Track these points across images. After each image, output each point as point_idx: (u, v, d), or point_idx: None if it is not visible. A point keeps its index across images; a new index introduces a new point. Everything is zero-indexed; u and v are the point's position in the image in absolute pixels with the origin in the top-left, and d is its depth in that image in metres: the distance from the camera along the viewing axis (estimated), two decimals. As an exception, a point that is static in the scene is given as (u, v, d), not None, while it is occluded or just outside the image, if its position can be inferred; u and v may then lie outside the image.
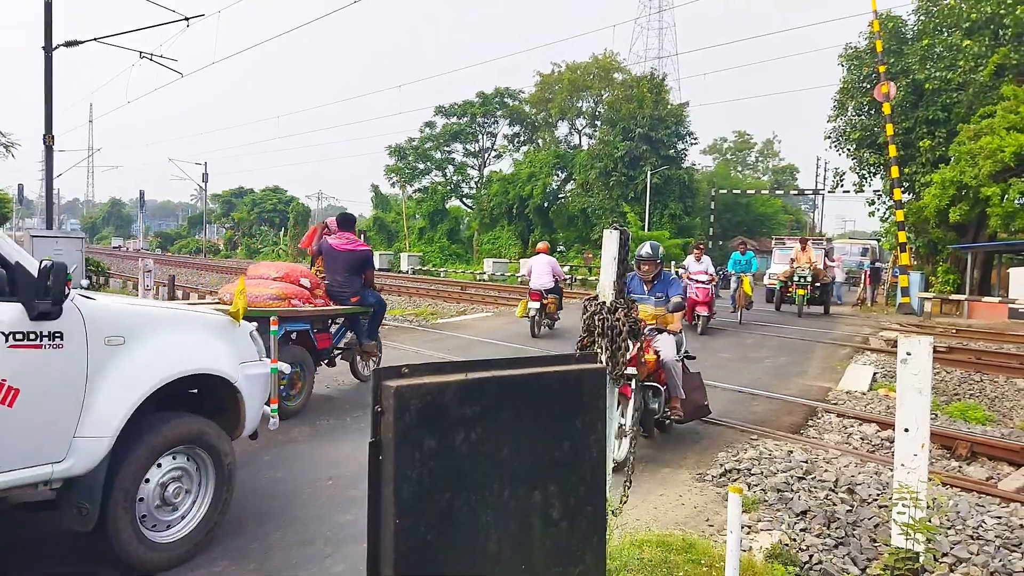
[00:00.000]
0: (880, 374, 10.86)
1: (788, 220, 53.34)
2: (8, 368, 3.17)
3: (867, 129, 25.66)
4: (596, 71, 45.45)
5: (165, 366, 3.88)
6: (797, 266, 19.08)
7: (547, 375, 1.79)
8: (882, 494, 5.34)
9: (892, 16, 25.38)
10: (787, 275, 19.54)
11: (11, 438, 3.20)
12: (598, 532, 1.85)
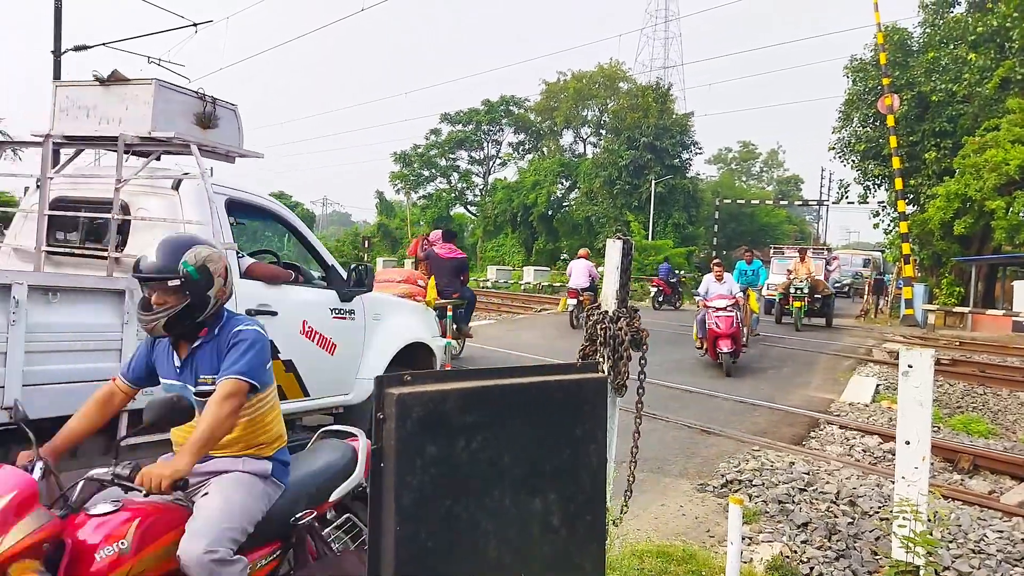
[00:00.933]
0: (883, 386, 10.83)
1: (792, 231, 53.29)
2: (332, 330, 5.06)
3: (872, 140, 25.66)
4: (601, 80, 45.59)
5: (403, 336, 5.85)
6: (794, 277, 18.37)
7: (548, 384, 1.80)
8: (884, 506, 5.33)
9: (898, 28, 25.41)
10: (784, 287, 18.85)
11: (331, 374, 5.07)
12: (597, 540, 1.86)
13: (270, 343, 2.94)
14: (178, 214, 4.39)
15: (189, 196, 4.43)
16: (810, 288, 18.12)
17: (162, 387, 2.69)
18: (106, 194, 4.52)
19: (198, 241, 2.74)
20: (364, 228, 61.71)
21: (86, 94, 4.70)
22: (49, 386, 3.32)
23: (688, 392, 9.55)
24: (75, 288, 3.62)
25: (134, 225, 4.53)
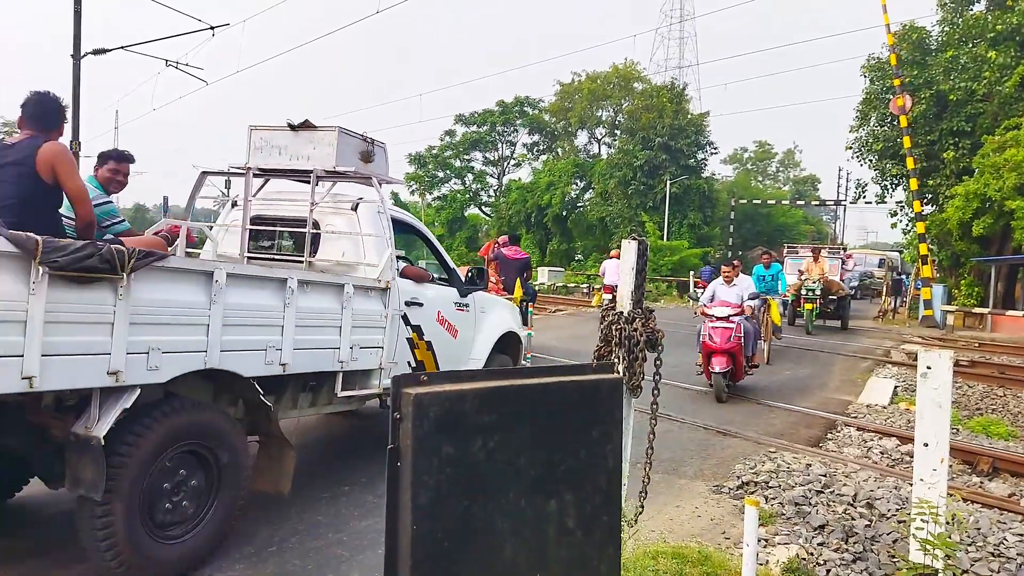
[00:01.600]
0: (901, 388, 10.74)
1: (809, 231, 52.92)
2: (455, 319, 6.48)
3: (889, 140, 25.44)
4: (616, 80, 45.54)
5: (501, 326, 7.27)
6: (806, 278, 17.68)
7: (564, 384, 1.80)
8: (901, 509, 5.28)
9: (916, 27, 25.18)
10: (796, 288, 17.87)
11: (454, 354, 6.46)
12: (613, 542, 1.86)
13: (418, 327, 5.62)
14: (357, 229, 5.73)
15: (365, 215, 5.76)
16: (823, 289, 17.52)
17: None
18: (295, 213, 5.99)
19: None
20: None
21: (278, 136, 5.74)
22: (306, 350, 4.63)
23: (704, 393, 9.51)
24: (324, 283, 4.85)
25: (323, 237, 5.88)
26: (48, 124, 4.00)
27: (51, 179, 3.82)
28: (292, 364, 4.48)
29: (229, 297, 4.00)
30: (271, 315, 4.35)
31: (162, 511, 3.71)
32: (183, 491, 3.83)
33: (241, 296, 4.13)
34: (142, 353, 3.54)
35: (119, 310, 3.39)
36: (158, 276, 3.61)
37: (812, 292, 17.39)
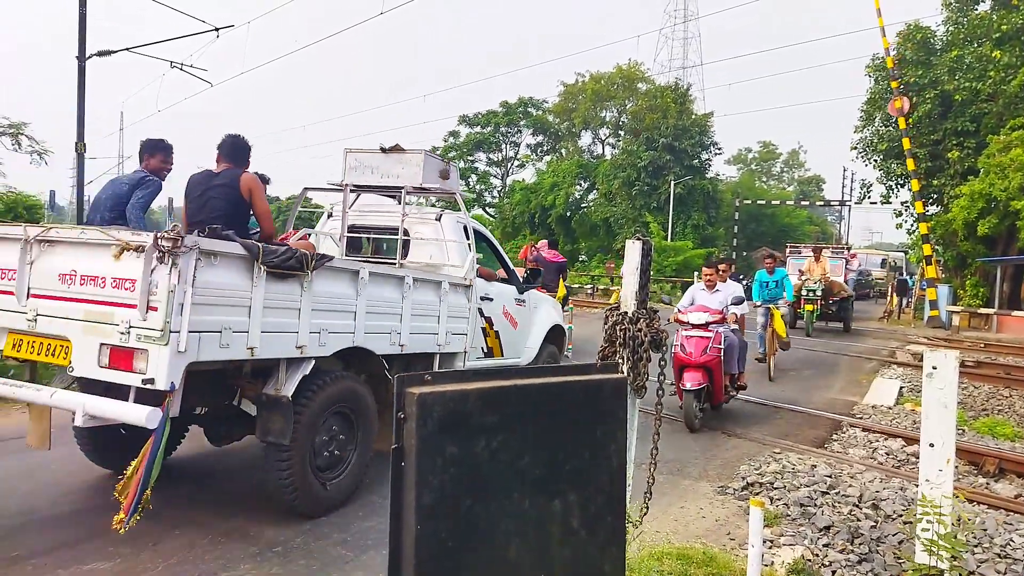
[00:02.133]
0: (907, 388, 10.72)
1: (814, 231, 52.75)
2: (515, 313, 7.51)
3: (894, 140, 25.39)
4: (620, 81, 45.50)
5: (550, 320, 8.30)
6: (807, 278, 17.23)
7: (568, 384, 1.80)
8: (907, 510, 5.26)
9: (920, 27, 25.13)
10: (797, 289, 16.93)
11: (514, 342, 7.52)
12: (617, 542, 1.86)
13: (489, 318, 6.95)
14: (441, 236, 6.97)
15: (447, 224, 7.00)
16: (825, 290, 17.04)
17: None
18: (386, 222, 7.14)
19: None
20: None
21: (371, 158, 6.76)
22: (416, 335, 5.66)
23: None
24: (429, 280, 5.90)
25: (413, 243, 6.96)
26: (241, 160, 5.17)
27: (247, 199, 4.93)
28: (408, 345, 5.59)
29: (368, 291, 5.06)
30: (395, 306, 5.42)
31: (322, 457, 4.72)
32: (335, 443, 4.83)
33: (375, 290, 5.17)
34: (316, 333, 4.63)
35: (304, 299, 4.48)
36: (326, 274, 4.69)
37: (813, 293, 16.89)
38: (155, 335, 3.67)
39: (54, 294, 4.10)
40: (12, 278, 4.22)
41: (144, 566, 3.95)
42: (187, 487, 5.30)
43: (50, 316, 4.08)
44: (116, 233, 3.91)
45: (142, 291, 3.71)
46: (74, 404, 3.90)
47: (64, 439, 6.19)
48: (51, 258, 4.17)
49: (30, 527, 4.42)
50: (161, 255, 3.66)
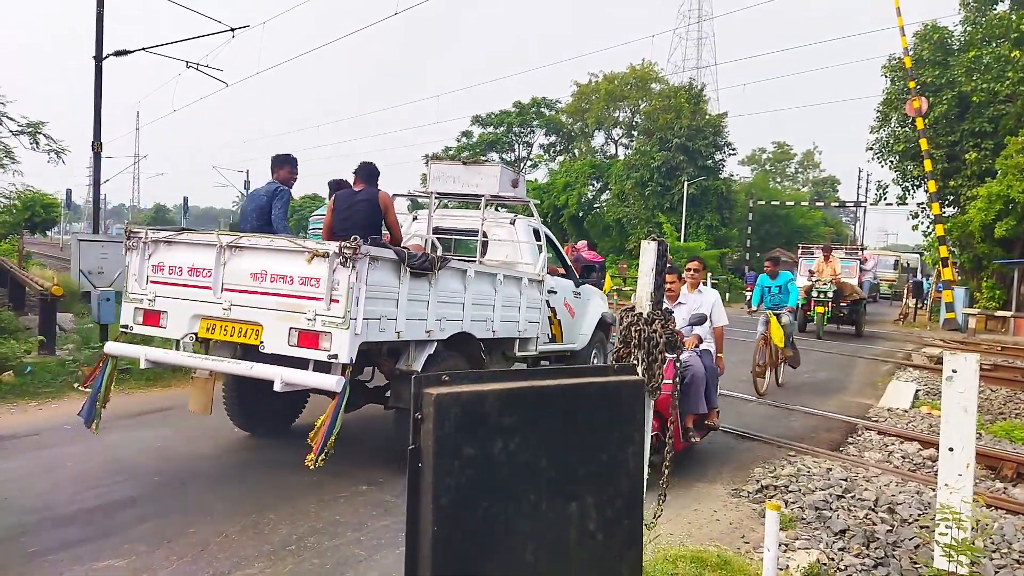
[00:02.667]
0: (923, 391, 10.62)
1: (828, 232, 52.38)
2: (573, 304, 8.29)
3: (911, 141, 25.18)
4: (633, 81, 45.40)
5: (599, 311, 9.04)
6: (816, 279, 16.61)
7: (586, 386, 1.79)
8: (923, 514, 5.21)
9: (938, 27, 24.92)
10: (806, 290, 16.57)
11: (571, 330, 8.30)
12: (635, 545, 1.84)
13: (553, 308, 7.84)
14: (515, 238, 8.00)
15: (520, 227, 8.05)
16: (836, 292, 16.41)
17: None
18: (466, 225, 8.21)
19: None
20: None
21: (452, 169, 7.84)
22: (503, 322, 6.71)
23: (722, 396, 9.43)
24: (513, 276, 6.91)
25: (491, 244, 7.89)
26: (374, 181, 6.26)
27: (383, 213, 5.99)
28: (498, 331, 6.62)
29: (473, 286, 6.07)
30: (489, 298, 6.44)
31: None
32: None
33: (477, 285, 6.18)
34: (438, 320, 5.68)
35: (432, 294, 5.53)
36: (446, 272, 5.69)
37: (823, 295, 16.26)
38: (338, 321, 4.73)
39: (246, 288, 5.12)
40: (208, 275, 5.27)
41: (159, 564, 3.97)
42: (201, 486, 5.32)
43: (243, 306, 5.11)
44: (304, 243, 5.00)
45: (327, 287, 4.76)
46: (273, 374, 4.86)
47: (83, 435, 6.25)
48: (242, 260, 5.20)
49: (47, 523, 4.45)
50: (344, 260, 4.71)
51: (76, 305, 12.01)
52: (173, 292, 5.49)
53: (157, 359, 5.61)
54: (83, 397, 7.77)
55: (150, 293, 5.60)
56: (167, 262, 5.55)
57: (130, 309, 5.72)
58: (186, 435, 6.63)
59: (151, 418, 7.21)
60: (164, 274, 5.55)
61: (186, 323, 5.40)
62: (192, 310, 5.36)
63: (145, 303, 5.60)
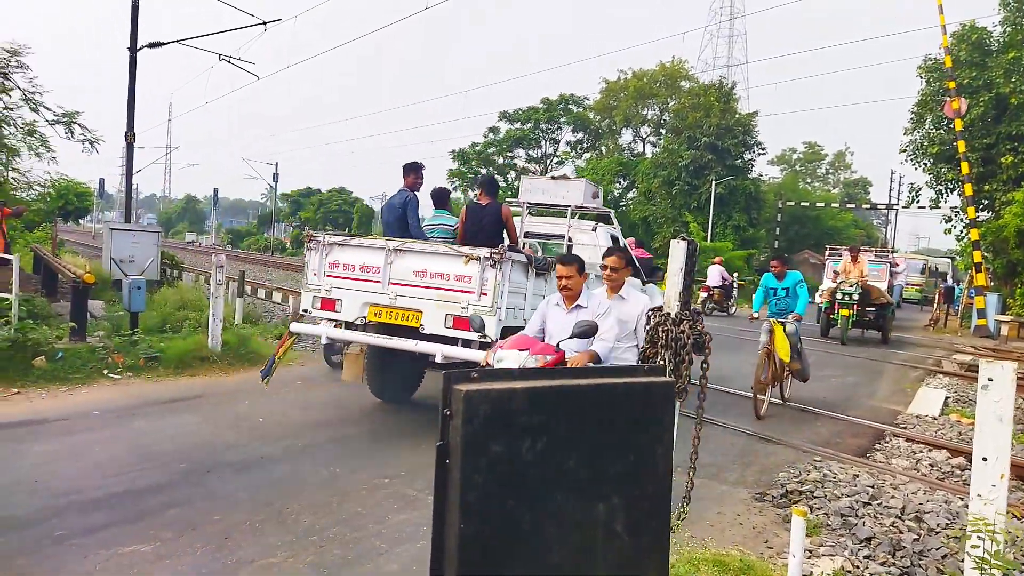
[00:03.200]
0: (952, 399, 10.43)
1: (859, 235, 51.64)
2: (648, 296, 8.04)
3: (945, 143, 24.71)
4: (663, 79, 45.08)
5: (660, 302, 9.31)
6: (842, 280, 15.67)
7: (615, 386, 1.76)
8: (951, 524, 5.12)
9: (976, 28, 24.41)
10: (831, 292, 16.00)
11: None
12: (661, 548, 1.82)
13: None
14: (596, 242, 8.85)
15: (600, 233, 9.23)
16: (862, 294, 15.47)
17: None
18: (553, 230, 9.39)
19: None
20: (421, 224, 62.16)
21: (542, 183, 8.96)
22: None
23: (747, 398, 9.35)
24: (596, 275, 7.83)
25: (575, 247, 8.39)
26: (495, 193, 7.45)
27: (504, 223, 7.13)
28: None
29: None
30: None
31: None
32: None
33: None
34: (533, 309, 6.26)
35: (547, 290, 6.71)
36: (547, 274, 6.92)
37: (849, 297, 15.30)
38: (486, 309, 6.12)
39: (410, 283, 6.57)
40: (377, 272, 6.69)
41: (183, 550, 4.02)
42: (226, 474, 5.38)
43: (406, 296, 6.56)
44: (462, 248, 6.44)
45: (478, 283, 6.19)
46: (435, 350, 6.30)
47: (111, 422, 6.35)
48: (405, 260, 6.63)
49: (74, 508, 4.52)
50: (492, 262, 6.11)
51: (107, 293, 12.20)
52: (347, 284, 6.90)
53: (334, 336, 7.08)
54: (112, 384, 7.91)
55: (327, 285, 6.98)
56: (342, 260, 6.96)
57: (309, 297, 7.15)
58: (212, 424, 6.71)
59: (178, 406, 7.30)
60: (339, 270, 6.95)
61: (357, 309, 6.82)
62: (363, 299, 6.79)
63: (322, 292, 6.99)
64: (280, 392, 8.18)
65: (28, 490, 4.73)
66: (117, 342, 8.87)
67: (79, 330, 8.98)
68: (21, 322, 8.08)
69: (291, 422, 6.94)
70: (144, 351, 8.76)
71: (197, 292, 12.72)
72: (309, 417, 7.19)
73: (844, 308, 15.37)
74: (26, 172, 16.60)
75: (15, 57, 14.28)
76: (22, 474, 5.02)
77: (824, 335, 16.62)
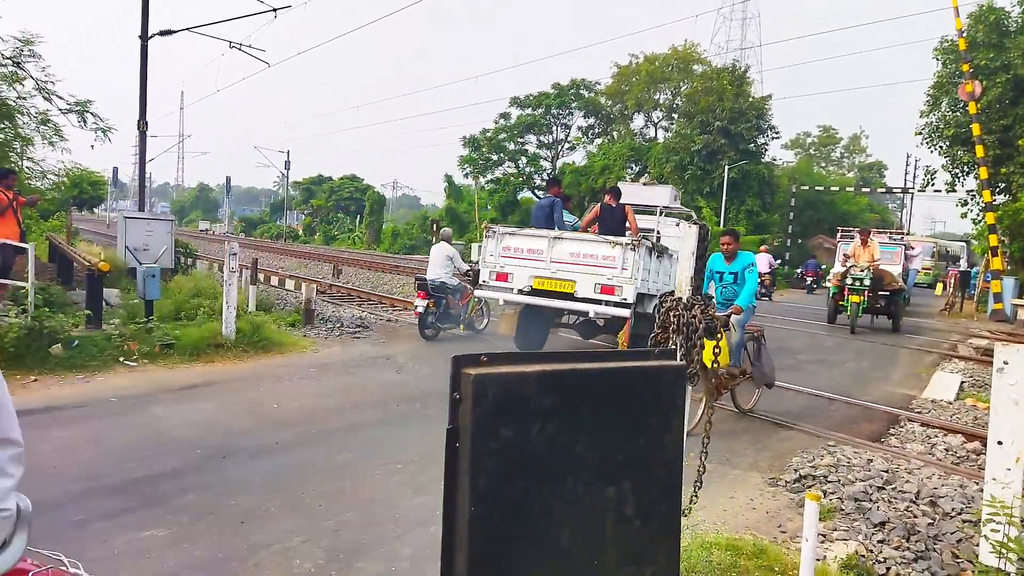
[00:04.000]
0: (968, 383, 10.36)
1: (874, 219, 51.16)
2: None
3: (961, 126, 24.38)
4: (675, 62, 44.72)
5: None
6: (852, 264, 14.85)
7: (626, 370, 1.75)
8: (966, 508, 5.09)
9: (994, 8, 24.00)
10: (839, 277, 15.22)
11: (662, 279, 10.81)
12: (672, 533, 1.81)
13: None
14: (680, 235, 10.52)
15: (683, 227, 10.68)
16: (873, 280, 14.60)
17: None
18: (647, 225, 10.99)
19: None
20: (433, 211, 62.28)
21: (636, 188, 12.12)
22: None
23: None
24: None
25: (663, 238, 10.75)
26: (619, 198, 10.36)
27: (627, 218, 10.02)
28: None
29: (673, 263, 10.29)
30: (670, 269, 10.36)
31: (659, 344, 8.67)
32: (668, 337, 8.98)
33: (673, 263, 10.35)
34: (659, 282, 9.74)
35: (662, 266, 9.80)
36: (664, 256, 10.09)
37: (859, 282, 14.47)
38: (626, 279, 8.95)
39: (566, 261, 9.44)
40: (541, 254, 9.58)
41: (200, 535, 4.06)
42: (242, 460, 5.42)
43: (563, 271, 9.40)
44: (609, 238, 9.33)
45: (620, 262, 9.05)
46: (587, 308, 9.34)
47: (127, 408, 6.41)
48: (562, 245, 9.54)
49: (92, 493, 4.58)
50: (632, 248, 8.97)
51: (122, 281, 12.29)
52: (517, 263, 9.75)
53: (510, 300, 9.91)
54: (128, 371, 7.98)
55: (501, 263, 9.86)
56: (512, 245, 9.86)
57: (487, 271, 9.99)
58: (227, 410, 6.76)
59: (194, 393, 7.37)
60: (511, 252, 9.83)
61: (525, 280, 9.63)
62: (529, 273, 9.64)
63: (497, 268, 9.86)
64: (293, 379, 8.23)
65: (47, 476, 4.79)
66: (132, 330, 8.94)
67: (95, 318, 9.06)
68: (38, 310, 8.16)
69: (305, 409, 6.99)
70: (159, 338, 8.83)
71: (211, 280, 12.79)
72: (323, 404, 7.24)
73: (854, 294, 14.55)
74: (40, 161, 16.70)
75: (28, 46, 14.32)
76: (41, 460, 5.09)
77: (831, 321, 16.18)
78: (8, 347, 7.55)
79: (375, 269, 27.38)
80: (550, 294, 9.42)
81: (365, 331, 11.89)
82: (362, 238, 56.80)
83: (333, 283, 20.54)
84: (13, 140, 15.12)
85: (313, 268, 27.65)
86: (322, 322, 12.23)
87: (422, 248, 50.54)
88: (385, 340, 11.34)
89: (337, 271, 24.71)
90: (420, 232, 52.97)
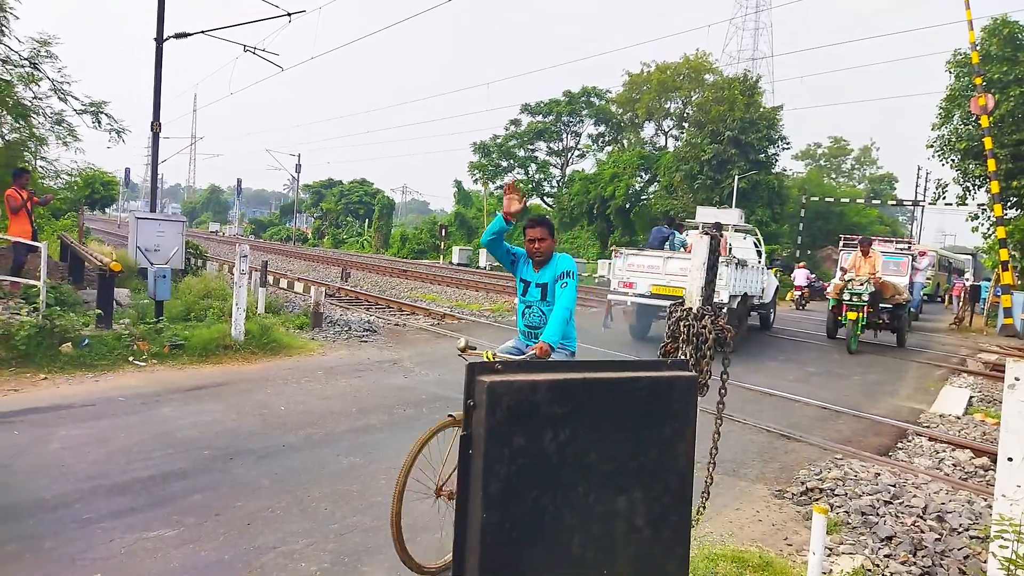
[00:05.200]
0: (977, 398, 10.29)
1: (884, 231, 50.94)
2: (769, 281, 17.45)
3: (974, 139, 24.26)
4: (686, 72, 44.70)
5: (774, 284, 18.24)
6: (851, 278, 13.75)
7: (637, 380, 1.76)
8: (974, 524, 5.06)
9: (1008, 22, 23.92)
10: (837, 291, 14.16)
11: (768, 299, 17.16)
12: (682, 542, 1.82)
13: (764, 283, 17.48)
14: (748, 247, 16.13)
15: (750, 241, 16.56)
16: (874, 293, 13.62)
17: None
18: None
19: None
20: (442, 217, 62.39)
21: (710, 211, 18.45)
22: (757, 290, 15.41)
23: (768, 395, 9.30)
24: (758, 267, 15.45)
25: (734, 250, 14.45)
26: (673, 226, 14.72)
27: None
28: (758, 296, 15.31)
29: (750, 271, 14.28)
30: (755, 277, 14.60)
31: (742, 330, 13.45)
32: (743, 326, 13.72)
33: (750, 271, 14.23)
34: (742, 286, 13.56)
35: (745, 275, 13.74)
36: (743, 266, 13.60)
37: (858, 297, 13.50)
38: (724, 285, 12.20)
39: (676, 274, 12.50)
40: (658, 268, 12.90)
41: (206, 535, 4.08)
42: (249, 462, 5.44)
43: (674, 280, 12.44)
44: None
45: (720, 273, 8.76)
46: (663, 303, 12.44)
47: (136, 408, 6.44)
48: (672, 263, 12.75)
49: (100, 492, 4.60)
50: (726, 264, 12.24)
51: (133, 281, 12.36)
52: (639, 274, 13.01)
53: (633, 300, 13.14)
54: (137, 370, 8.01)
55: (627, 274, 13.09)
56: (635, 262, 13.15)
57: (615, 281, 13.38)
58: (235, 412, 6.78)
59: (202, 393, 7.39)
60: (634, 267, 13.10)
61: (645, 287, 12.81)
62: (648, 281, 12.82)
63: (624, 278, 13.12)
64: (301, 382, 8.25)
65: (55, 474, 4.81)
66: (142, 330, 8.99)
67: (105, 317, 9.11)
68: (48, 309, 8.21)
69: (312, 411, 7.00)
70: (169, 339, 8.88)
71: (221, 281, 12.84)
72: (330, 407, 7.25)
73: (853, 310, 13.59)
74: (54, 161, 16.84)
75: (45, 47, 14.45)
76: (49, 458, 5.12)
77: (831, 336, 15.49)
78: (19, 345, 7.60)
79: (383, 273, 27.45)
80: (663, 297, 12.53)
81: (373, 335, 11.92)
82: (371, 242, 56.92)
83: (341, 286, 20.59)
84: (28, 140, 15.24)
85: (321, 271, 27.73)
86: (330, 325, 12.26)
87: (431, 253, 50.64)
88: (392, 344, 11.37)
89: (345, 275, 24.79)
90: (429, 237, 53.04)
